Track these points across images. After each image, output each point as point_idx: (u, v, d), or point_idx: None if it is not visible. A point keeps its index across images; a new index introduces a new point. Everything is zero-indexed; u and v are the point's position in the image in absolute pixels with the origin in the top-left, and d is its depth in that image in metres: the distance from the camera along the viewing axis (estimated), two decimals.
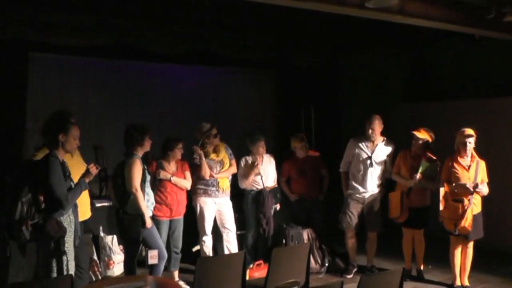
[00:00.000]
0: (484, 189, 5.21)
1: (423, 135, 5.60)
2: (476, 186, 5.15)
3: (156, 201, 5.27)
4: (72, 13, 6.39)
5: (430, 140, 5.61)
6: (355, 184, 5.87)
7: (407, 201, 5.60)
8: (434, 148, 5.66)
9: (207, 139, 5.73)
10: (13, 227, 3.83)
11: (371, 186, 5.84)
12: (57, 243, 3.90)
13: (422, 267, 5.84)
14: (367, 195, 5.84)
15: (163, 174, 5.34)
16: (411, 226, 5.74)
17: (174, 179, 5.38)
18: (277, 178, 6.30)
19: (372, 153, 5.81)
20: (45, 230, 3.83)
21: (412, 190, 5.57)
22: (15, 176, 4.05)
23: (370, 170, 5.80)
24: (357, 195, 5.86)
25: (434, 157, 5.54)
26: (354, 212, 5.85)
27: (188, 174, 5.54)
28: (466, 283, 5.45)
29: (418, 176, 5.44)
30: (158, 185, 5.34)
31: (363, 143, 5.87)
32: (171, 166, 5.45)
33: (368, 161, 5.80)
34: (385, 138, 5.90)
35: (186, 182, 5.50)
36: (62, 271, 3.91)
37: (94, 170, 4.15)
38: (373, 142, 5.85)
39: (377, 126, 5.82)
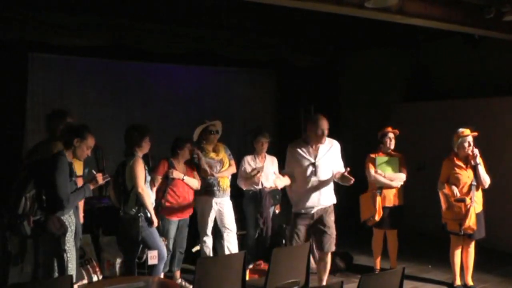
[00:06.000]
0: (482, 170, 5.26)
1: (395, 132, 5.79)
2: (475, 157, 5.20)
3: (168, 201, 5.31)
4: (72, 13, 6.40)
5: None
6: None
7: (382, 200, 5.64)
8: (434, 148, 5.68)
9: (204, 134, 5.74)
10: (15, 222, 3.85)
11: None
12: (58, 241, 3.92)
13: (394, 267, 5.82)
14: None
15: (176, 173, 5.35)
16: (383, 227, 5.77)
17: (186, 178, 5.40)
18: None
19: (315, 159, 4.82)
20: (47, 227, 3.86)
21: (383, 189, 5.64)
22: (23, 171, 4.10)
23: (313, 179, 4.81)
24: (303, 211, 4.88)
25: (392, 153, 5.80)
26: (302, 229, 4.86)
27: (196, 174, 5.56)
28: (470, 282, 5.45)
29: (373, 170, 5.65)
30: (170, 185, 5.35)
31: (303, 149, 4.85)
32: (181, 166, 5.46)
33: (311, 169, 4.80)
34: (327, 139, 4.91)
35: (197, 182, 5.53)
36: (64, 270, 3.92)
37: (100, 179, 4.26)
38: (314, 146, 4.85)
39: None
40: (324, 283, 5.06)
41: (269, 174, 6.06)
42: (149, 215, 4.67)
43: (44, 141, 4.77)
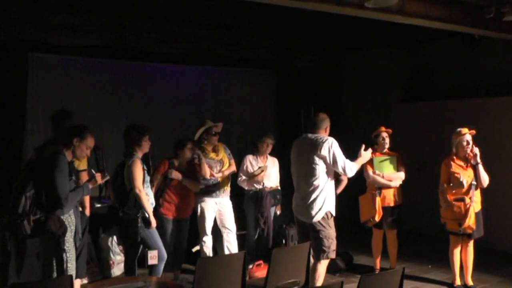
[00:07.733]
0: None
1: (388, 131, 5.81)
2: (475, 156, 5.19)
3: (166, 200, 5.33)
4: (72, 13, 6.40)
5: None
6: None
7: (381, 200, 5.64)
8: (434, 148, 5.68)
9: (206, 135, 5.74)
10: (15, 221, 3.85)
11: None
12: (57, 241, 3.92)
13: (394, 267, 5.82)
14: None
15: (175, 174, 5.36)
16: (383, 227, 5.77)
17: (185, 180, 5.40)
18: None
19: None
20: (47, 227, 3.86)
21: (383, 189, 5.64)
22: (22, 170, 4.10)
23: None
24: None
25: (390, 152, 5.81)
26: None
27: (198, 175, 5.56)
28: (470, 282, 5.45)
29: (371, 171, 5.66)
30: (168, 184, 5.36)
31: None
32: (182, 166, 5.46)
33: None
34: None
35: (196, 184, 5.52)
36: (63, 270, 3.92)
37: (99, 179, 4.28)
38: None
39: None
40: None
41: (270, 174, 6.08)
42: (147, 215, 4.67)
43: (51, 140, 4.76)
